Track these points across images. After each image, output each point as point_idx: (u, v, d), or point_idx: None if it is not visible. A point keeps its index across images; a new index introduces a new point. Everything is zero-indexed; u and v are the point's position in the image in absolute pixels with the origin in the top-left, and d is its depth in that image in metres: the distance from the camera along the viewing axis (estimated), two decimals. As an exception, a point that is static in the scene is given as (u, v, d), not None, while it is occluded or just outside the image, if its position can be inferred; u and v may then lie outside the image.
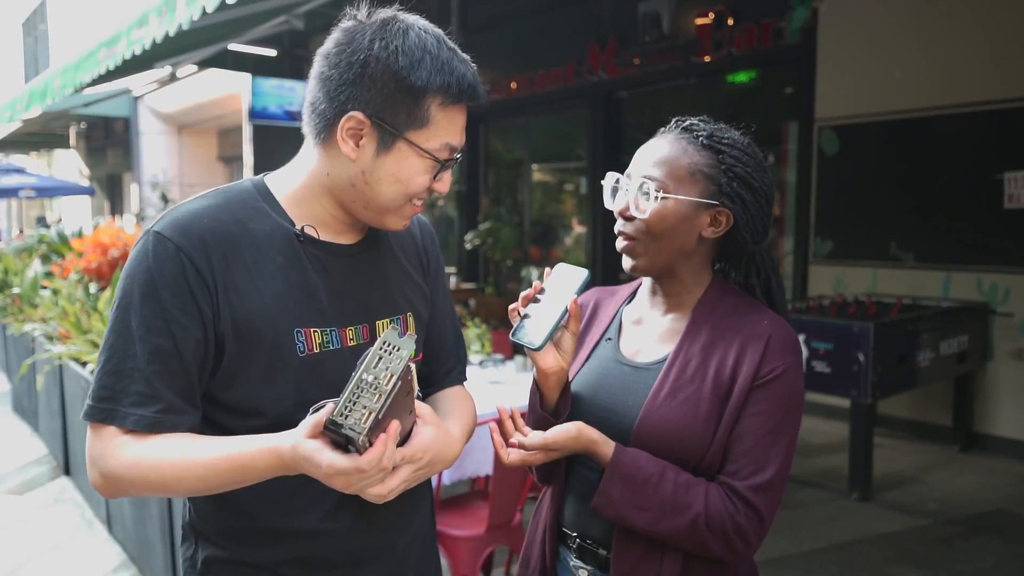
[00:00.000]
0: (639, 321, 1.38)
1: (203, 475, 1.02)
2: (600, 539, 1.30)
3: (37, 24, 19.16)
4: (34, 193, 15.84)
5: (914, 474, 4.62)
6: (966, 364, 4.82)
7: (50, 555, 3.78)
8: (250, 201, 1.13)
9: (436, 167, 1.11)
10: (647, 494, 1.17)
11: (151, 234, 1.06)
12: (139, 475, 1.02)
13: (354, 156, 1.09)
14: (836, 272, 5.76)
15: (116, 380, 1.03)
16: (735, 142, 1.28)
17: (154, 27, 3.73)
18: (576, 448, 1.22)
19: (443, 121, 1.09)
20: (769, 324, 1.25)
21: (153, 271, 1.04)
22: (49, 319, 4.98)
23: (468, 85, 1.09)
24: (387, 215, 1.14)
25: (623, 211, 1.28)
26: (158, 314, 1.03)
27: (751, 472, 1.18)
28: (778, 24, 5.97)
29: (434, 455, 1.06)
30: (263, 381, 1.08)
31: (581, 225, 8.44)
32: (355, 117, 1.06)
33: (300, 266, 1.11)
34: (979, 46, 4.98)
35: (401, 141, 1.08)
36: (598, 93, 7.47)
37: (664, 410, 1.22)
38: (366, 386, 0.89)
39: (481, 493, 3.16)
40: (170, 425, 1.04)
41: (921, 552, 3.58)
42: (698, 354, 1.26)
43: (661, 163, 1.26)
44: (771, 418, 1.19)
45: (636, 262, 1.29)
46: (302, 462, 0.95)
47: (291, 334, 1.09)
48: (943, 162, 5.20)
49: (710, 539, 1.17)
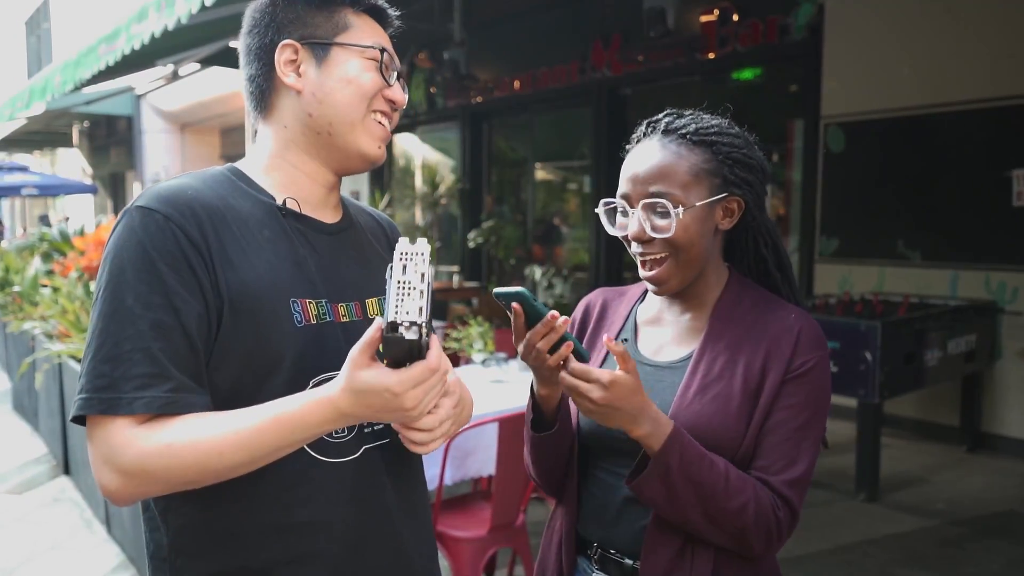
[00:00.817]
0: (657, 320, 1.35)
1: (247, 443, 0.94)
2: (625, 548, 1.25)
3: (40, 23, 19.17)
4: (37, 191, 15.84)
5: (921, 475, 4.57)
6: (974, 363, 4.77)
7: (49, 555, 3.75)
8: (226, 181, 1.11)
9: (377, 62, 1.12)
10: (703, 468, 1.13)
11: (134, 209, 1.01)
12: (172, 459, 0.93)
13: (299, 85, 1.10)
14: (842, 271, 5.72)
15: (114, 367, 0.94)
16: (721, 129, 1.25)
17: (153, 21, 3.70)
18: (633, 403, 1.10)
19: (364, 25, 1.13)
20: (797, 318, 1.23)
21: (145, 244, 0.97)
22: (49, 317, 4.95)
23: None
24: (355, 132, 1.12)
25: (638, 236, 1.22)
26: (156, 288, 0.96)
27: (783, 467, 1.17)
28: (784, 20, 5.92)
29: (460, 392, 1.08)
30: (261, 356, 1.02)
31: (584, 224, 8.40)
32: (287, 46, 1.10)
33: (287, 239, 1.09)
34: (987, 42, 4.93)
35: (334, 47, 1.11)
36: (602, 90, 7.42)
37: (695, 407, 1.19)
38: (402, 289, 0.87)
39: (483, 494, 3.12)
40: (186, 405, 0.95)
41: (930, 554, 3.54)
42: (724, 351, 1.23)
43: (662, 176, 1.20)
44: (802, 412, 1.18)
45: (669, 283, 1.25)
46: (363, 396, 0.91)
47: (287, 304, 1.04)
48: (951, 159, 5.15)
49: (753, 530, 1.14)
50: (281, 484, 1.04)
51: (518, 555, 2.96)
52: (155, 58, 7.41)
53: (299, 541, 1.06)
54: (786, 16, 5.89)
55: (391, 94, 1.14)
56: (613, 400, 1.08)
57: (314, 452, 1.06)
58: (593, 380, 1.08)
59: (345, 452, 1.09)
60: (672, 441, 1.11)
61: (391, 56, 1.14)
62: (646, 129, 1.27)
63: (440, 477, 2.73)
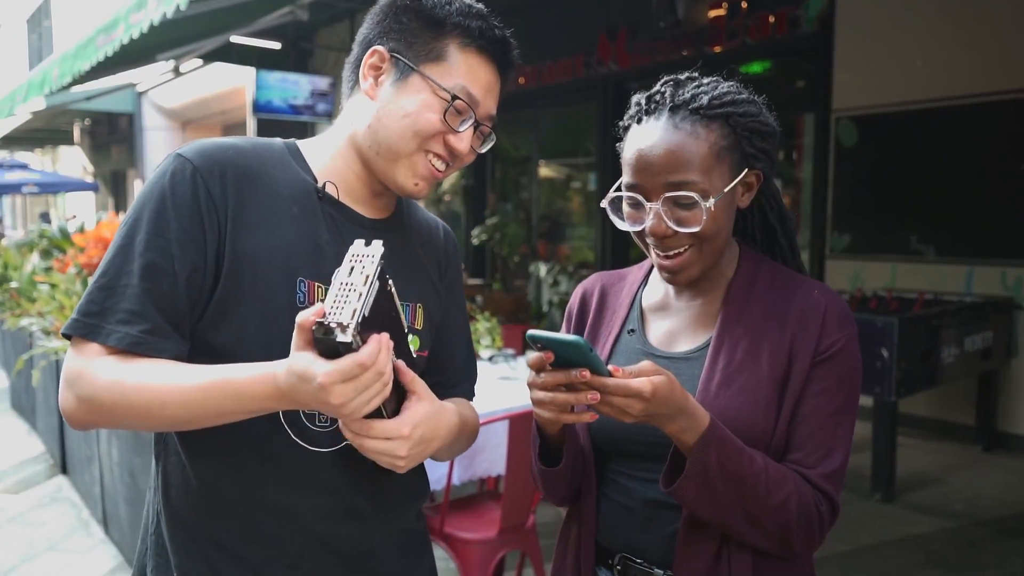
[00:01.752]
0: (665, 306, 1.23)
1: (190, 400, 0.94)
2: (653, 556, 1.14)
3: (41, 20, 19.13)
4: (37, 189, 15.77)
5: (937, 474, 4.48)
6: (990, 361, 4.67)
7: (46, 556, 3.67)
8: (277, 153, 1.11)
9: (446, 105, 1.06)
10: (742, 463, 1.02)
11: (173, 155, 1.04)
12: (120, 397, 0.95)
13: (372, 94, 1.08)
14: (854, 267, 5.62)
15: (107, 296, 0.98)
16: (734, 97, 1.12)
17: (152, 9, 3.61)
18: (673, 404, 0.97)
19: (461, 64, 1.07)
20: (820, 294, 1.13)
21: (166, 190, 1.01)
22: (46, 313, 4.87)
23: (494, 36, 1.09)
24: (398, 163, 1.08)
25: (661, 232, 1.09)
26: (161, 232, 0.99)
27: (819, 459, 1.07)
28: (794, 12, 5.81)
29: (425, 430, 1.00)
30: (256, 324, 1.02)
31: (589, 220, 8.31)
32: (376, 51, 1.08)
33: (314, 221, 1.08)
34: (1002, 33, 4.83)
35: (415, 75, 1.06)
36: (608, 85, 7.32)
37: (720, 401, 1.08)
38: (343, 290, 0.85)
39: (492, 494, 3.03)
40: (155, 348, 0.98)
41: (950, 556, 3.44)
42: (745, 336, 1.12)
43: (681, 163, 1.07)
44: (834, 397, 1.09)
45: (689, 272, 1.13)
46: (297, 382, 0.88)
47: (293, 282, 1.04)
48: (965, 153, 5.05)
49: (794, 527, 1.04)
50: (255, 462, 1.05)
51: (527, 557, 2.87)
52: (156, 53, 7.34)
53: (262, 521, 1.06)
54: (796, 8, 5.80)
55: (453, 141, 1.08)
56: (654, 409, 0.97)
57: (295, 436, 1.05)
58: (632, 394, 0.94)
59: (326, 442, 1.07)
60: (709, 436, 1.00)
61: (469, 105, 1.08)
62: (648, 105, 1.13)
63: (448, 477, 2.63)
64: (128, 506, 3.36)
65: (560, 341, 0.93)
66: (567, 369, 0.95)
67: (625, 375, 0.95)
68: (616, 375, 0.95)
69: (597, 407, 0.97)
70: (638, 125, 1.13)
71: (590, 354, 0.92)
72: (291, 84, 9.52)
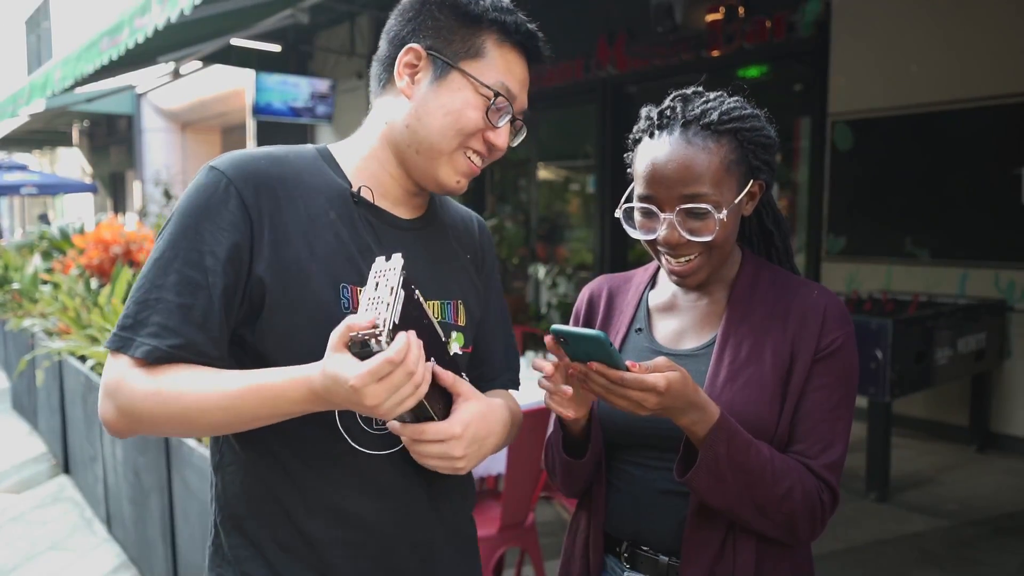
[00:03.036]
0: (671, 306, 1.29)
1: (228, 405, 0.96)
2: (660, 544, 1.20)
3: (40, 22, 19.13)
4: (36, 190, 15.79)
5: (932, 475, 4.52)
6: (984, 362, 4.73)
7: (48, 555, 3.70)
8: (310, 159, 1.11)
9: (488, 103, 1.07)
10: (750, 455, 1.08)
11: (206, 168, 1.05)
12: (158, 405, 0.97)
13: (409, 92, 1.08)
14: (849, 269, 5.67)
15: (140, 309, 0.99)
16: (741, 112, 1.18)
17: (156, 13, 3.65)
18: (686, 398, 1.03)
19: (499, 59, 1.08)
20: (820, 295, 1.20)
21: (200, 203, 1.01)
22: (49, 314, 4.91)
23: (527, 31, 1.10)
24: (439, 161, 1.09)
25: (675, 242, 1.16)
26: (196, 246, 1.00)
27: (821, 450, 1.14)
28: (791, 17, 5.86)
29: (477, 428, 1.03)
30: (304, 332, 1.02)
31: (588, 223, 8.35)
32: (412, 49, 1.07)
33: (352, 226, 1.08)
34: (996, 39, 4.88)
35: (455, 72, 1.06)
36: (607, 88, 7.37)
37: (727, 395, 1.14)
38: (371, 304, 0.89)
39: (492, 492, 3.07)
40: (186, 361, 0.99)
41: (944, 555, 3.49)
42: (749, 334, 1.18)
43: (697, 176, 1.13)
44: (834, 391, 1.16)
45: (698, 276, 1.20)
46: (331, 385, 0.90)
47: (336, 288, 1.04)
48: (959, 157, 5.10)
49: (799, 514, 1.10)
50: (315, 467, 1.05)
51: (527, 554, 2.91)
52: (156, 55, 7.37)
53: (323, 526, 1.06)
54: (793, 13, 5.85)
55: (492, 137, 1.10)
56: (668, 403, 1.02)
57: (352, 440, 1.06)
58: (648, 388, 1.00)
59: (383, 445, 1.08)
60: (719, 429, 1.06)
61: (507, 100, 1.09)
62: (660, 120, 1.19)
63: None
64: (132, 505, 3.39)
65: (583, 335, 0.97)
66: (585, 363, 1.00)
67: (641, 370, 1.00)
68: (633, 370, 1.00)
69: (613, 401, 1.02)
70: (650, 139, 1.19)
71: (610, 348, 0.97)
72: (291, 86, 9.56)
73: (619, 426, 1.22)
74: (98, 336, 3.82)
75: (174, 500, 2.86)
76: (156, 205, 13.28)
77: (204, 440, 2.56)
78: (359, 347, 0.88)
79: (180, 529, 2.84)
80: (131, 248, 5.58)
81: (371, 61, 1.18)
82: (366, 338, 0.86)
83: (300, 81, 9.67)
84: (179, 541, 2.86)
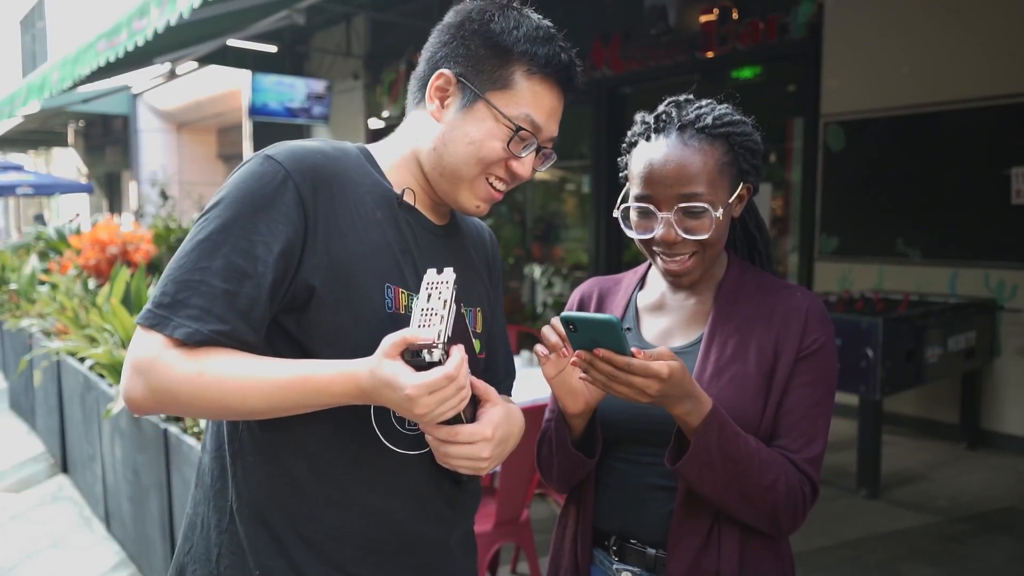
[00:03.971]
0: (660, 306, 1.34)
1: (271, 393, 0.96)
2: (647, 536, 1.25)
3: (35, 21, 19.10)
4: (31, 191, 15.76)
5: (922, 471, 4.58)
6: (973, 360, 4.78)
7: (47, 553, 3.73)
8: (356, 156, 1.13)
9: (510, 134, 1.08)
10: (739, 445, 1.13)
11: (262, 156, 1.04)
12: (199, 390, 0.96)
13: (438, 116, 1.10)
14: (842, 268, 5.72)
15: (179, 288, 0.97)
16: (732, 118, 1.24)
17: (155, 17, 3.68)
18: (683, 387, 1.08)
19: (527, 91, 1.09)
20: (803, 297, 1.26)
21: (256, 191, 1.00)
22: (47, 315, 4.93)
23: (560, 62, 1.10)
24: (460, 186, 1.12)
25: (672, 240, 1.21)
26: (247, 235, 0.98)
27: (803, 444, 1.19)
28: (784, 19, 5.92)
29: (504, 431, 1.07)
30: (350, 329, 1.03)
31: (583, 223, 8.39)
32: (443, 75, 1.09)
33: (396, 227, 1.10)
34: (986, 40, 4.94)
35: (481, 102, 1.08)
36: (602, 89, 7.41)
37: (712, 391, 1.19)
38: (425, 316, 0.93)
39: (487, 489, 3.11)
40: (224, 346, 0.98)
41: (932, 550, 3.54)
42: (735, 333, 1.24)
43: (691, 177, 1.19)
44: (816, 389, 1.21)
45: (692, 275, 1.25)
46: (382, 387, 0.93)
47: (381, 287, 1.06)
48: (950, 157, 5.16)
49: (783, 505, 1.15)
50: (346, 463, 1.07)
51: (522, 550, 2.95)
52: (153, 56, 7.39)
53: (350, 521, 1.07)
54: (786, 15, 5.90)
55: (515, 167, 1.11)
56: (668, 390, 1.07)
57: (384, 438, 1.07)
58: (652, 375, 1.04)
59: (412, 445, 1.10)
60: (711, 419, 1.11)
61: (532, 133, 1.10)
62: (656, 124, 1.24)
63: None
64: (131, 503, 3.42)
65: (595, 320, 1.02)
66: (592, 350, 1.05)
67: (646, 357, 1.05)
68: (638, 357, 1.04)
69: (615, 388, 1.06)
70: (647, 142, 1.24)
71: (621, 333, 1.02)
72: (287, 87, 9.58)
73: (610, 423, 1.27)
74: (96, 336, 3.85)
75: (173, 498, 2.89)
76: (152, 206, 13.29)
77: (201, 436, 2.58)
78: (411, 355, 0.92)
79: (179, 527, 2.86)
80: (128, 248, 5.61)
81: (367, 62, 1.21)
82: (421, 348, 0.91)
83: (296, 82, 9.69)
84: (178, 539, 2.89)
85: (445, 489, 1.15)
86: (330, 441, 1.06)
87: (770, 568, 1.21)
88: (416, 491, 1.11)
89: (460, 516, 1.20)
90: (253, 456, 1.07)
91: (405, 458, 1.09)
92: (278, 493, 1.06)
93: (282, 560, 1.06)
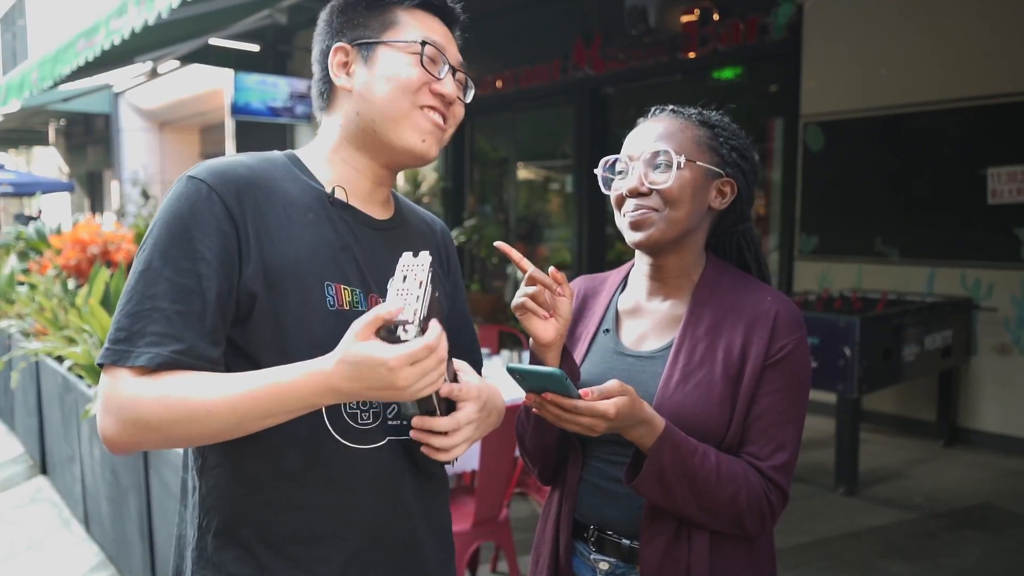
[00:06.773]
0: (637, 310, 1.36)
1: (237, 407, 0.96)
2: (623, 529, 1.28)
3: (16, 19, 18.90)
4: (12, 189, 15.64)
5: (899, 469, 4.63)
6: (950, 359, 4.84)
7: (26, 555, 3.70)
8: (281, 164, 1.15)
9: (418, 57, 1.12)
10: (694, 463, 1.15)
11: (185, 178, 1.06)
12: (165, 411, 0.96)
13: (349, 85, 1.14)
14: (821, 268, 5.77)
15: (133, 321, 0.99)
16: (723, 120, 1.33)
17: (133, 16, 3.66)
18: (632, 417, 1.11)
19: (412, 20, 1.14)
20: (773, 301, 1.25)
21: (184, 212, 1.02)
22: (25, 315, 4.89)
23: None
24: (399, 127, 1.13)
25: (636, 189, 1.25)
26: (186, 255, 1.00)
27: (771, 452, 1.20)
28: (764, 20, 5.97)
29: (487, 397, 1.11)
30: (294, 331, 1.05)
31: (567, 222, 8.42)
32: (338, 49, 1.14)
33: (330, 225, 1.12)
34: (963, 42, 5.00)
35: (379, 45, 1.13)
36: (584, 89, 7.44)
37: (678, 396, 1.21)
38: (400, 295, 0.94)
39: (467, 488, 3.12)
40: (187, 367, 0.99)
41: (908, 546, 3.58)
42: (704, 337, 1.24)
43: (667, 136, 1.26)
44: (785, 397, 1.21)
45: (650, 231, 1.25)
46: (356, 369, 0.91)
47: (321, 287, 1.07)
48: (928, 158, 5.22)
49: (746, 514, 1.17)
50: (302, 463, 1.07)
51: (501, 549, 2.96)
52: (134, 55, 7.34)
53: (314, 522, 1.08)
54: (766, 16, 5.95)
55: (438, 88, 1.13)
56: (617, 424, 1.11)
57: (338, 436, 1.08)
58: (599, 415, 1.08)
59: (369, 439, 1.10)
60: (663, 441, 1.13)
61: (438, 50, 1.13)
62: (656, 110, 1.34)
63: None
64: (110, 504, 3.41)
65: (540, 373, 1.06)
66: (542, 394, 1.09)
67: (593, 396, 1.08)
68: (586, 398, 1.08)
69: (566, 426, 1.11)
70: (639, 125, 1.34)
71: (566, 383, 1.06)
72: (270, 86, 9.54)
73: None
74: (75, 337, 3.83)
75: (152, 499, 2.88)
76: (134, 205, 13.21)
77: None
78: (387, 333, 0.92)
79: (158, 527, 2.86)
80: (109, 248, 5.57)
81: None
82: (397, 326, 0.91)
83: (279, 81, 9.65)
84: (157, 539, 2.89)
85: (409, 482, 1.15)
86: (287, 444, 1.06)
87: (743, 563, 1.23)
88: (377, 485, 1.11)
89: (427, 506, 1.19)
90: (216, 469, 1.08)
91: (362, 453, 1.10)
92: (241, 502, 1.07)
93: (253, 568, 1.07)
